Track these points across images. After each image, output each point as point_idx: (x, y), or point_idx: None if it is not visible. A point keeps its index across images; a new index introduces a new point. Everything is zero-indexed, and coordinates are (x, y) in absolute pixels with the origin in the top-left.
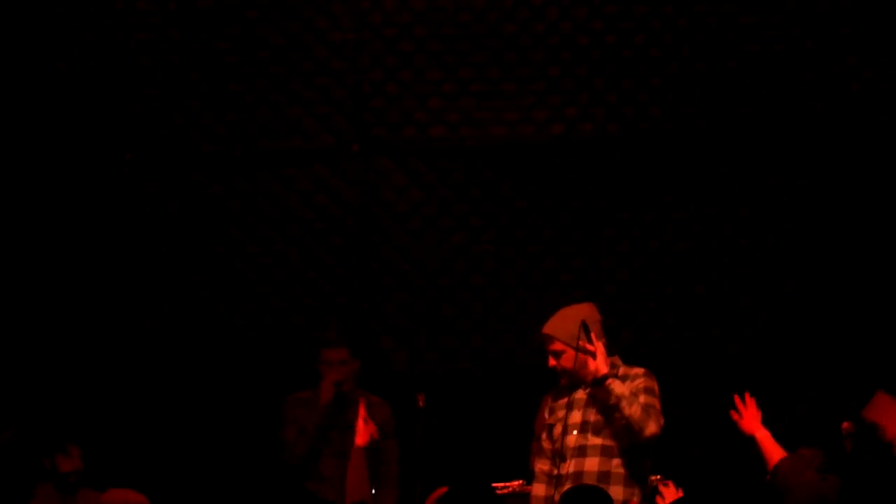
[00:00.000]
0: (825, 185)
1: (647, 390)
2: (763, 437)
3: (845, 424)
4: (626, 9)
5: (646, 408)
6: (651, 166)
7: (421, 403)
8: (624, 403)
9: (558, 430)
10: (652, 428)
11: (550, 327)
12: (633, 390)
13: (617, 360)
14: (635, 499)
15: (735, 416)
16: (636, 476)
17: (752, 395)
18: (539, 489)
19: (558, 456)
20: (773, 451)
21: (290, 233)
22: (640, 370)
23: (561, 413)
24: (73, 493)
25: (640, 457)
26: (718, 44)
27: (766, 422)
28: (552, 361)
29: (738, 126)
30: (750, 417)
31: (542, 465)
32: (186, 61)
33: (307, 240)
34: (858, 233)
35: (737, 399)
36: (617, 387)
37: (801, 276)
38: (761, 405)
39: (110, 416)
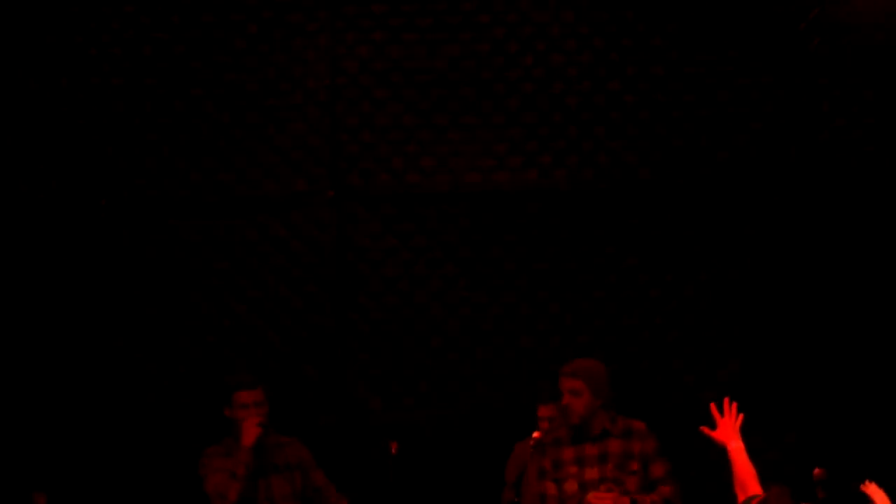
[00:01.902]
0: (803, 230)
1: (660, 452)
2: (736, 449)
3: (817, 471)
4: (600, 56)
5: (674, 489)
6: (626, 213)
7: (394, 451)
8: None
9: (573, 486)
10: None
11: (577, 367)
12: (648, 454)
13: (614, 414)
14: None
15: (706, 431)
16: None
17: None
18: None
19: None
20: (744, 469)
21: (264, 279)
22: (641, 426)
23: (572, 469)
24: None
25: None
26: (693, 91)
27: None
28: (567, 398)
29: (713, 173)
30: (726, 426)
31: None
32: (160, 107)
33: (281, 286)
34: (835, 279)
35: (713, 408)
36: None
37: (775, 327)
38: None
39: (76, 466)
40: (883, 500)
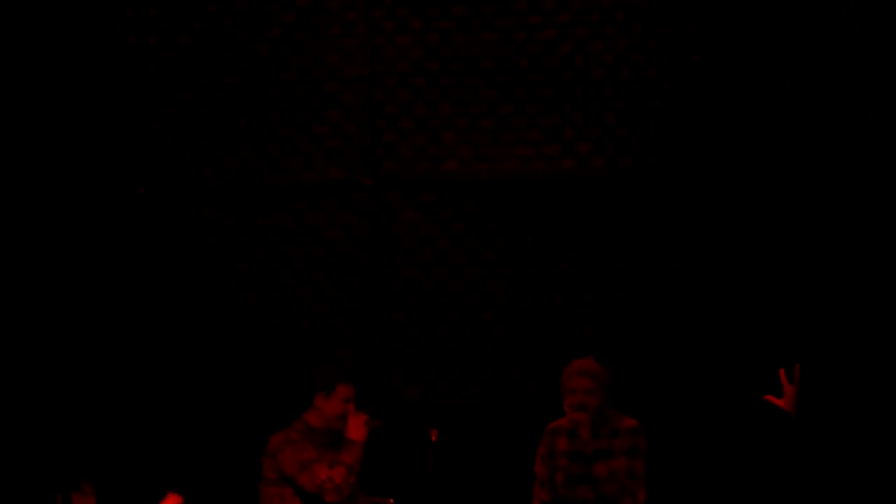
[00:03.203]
0: (847, 218)
1: (633, 451)
2: None
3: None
4: (637, 43)
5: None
6: (662, 201)
7: (434, 438)
8: None
9: (560, 478)
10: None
11: (588, 368)
12: (626, 450)
13: (607, 412)
14: None
15: (772, 399)
16: None
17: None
18: None
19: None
20: None
21: (300, 268)
22: (631, 423)
23: (562, 461)
24: None
25: None
26: (732, 78)
27: None
28: (581, 397)
29: (752, 160)
30: (796, 395)
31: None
32: (197, 96)
33: (318, 275)
34: (880, 270)
35: (782, 374)
36: None
37: (808, 311)
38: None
39: (125, 455)
40: None
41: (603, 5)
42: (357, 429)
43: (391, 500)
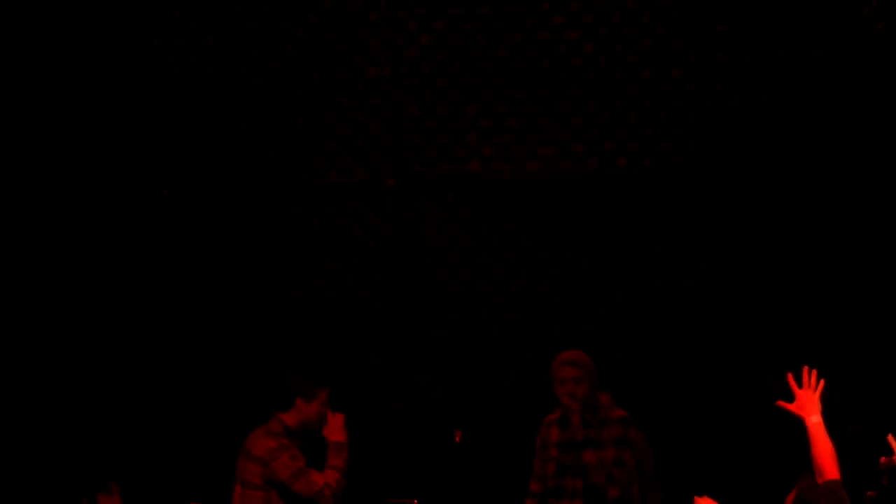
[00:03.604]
0: (867, 218)
1: (622, 441)
2: (815, 424)
3: (883, 459)
4: (661, 43)
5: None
6: (687, 200)
7: (458, 439)
8: None
9: (552, 468)
10: None
11: (576, 357)
12: (616, 439)
13: (596, 403)
14: None
15: (783, 404)
16: None
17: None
18: None
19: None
20: (822, 448)
21: (326, 268)
22: (620, 414)
23: (553, 452)
24: None
25: None
26: (755, 78)
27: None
28: (570, 386)
29: (776, 159)
30: (806, 399)
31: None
32: (222, 97)
33: (343, 275)
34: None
35: (790, 378)
36: None
37: (842, 309)
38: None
39: (151, 455)
40: None
41: (627, 6)
42: (338, 430)
43: (415, 501)
